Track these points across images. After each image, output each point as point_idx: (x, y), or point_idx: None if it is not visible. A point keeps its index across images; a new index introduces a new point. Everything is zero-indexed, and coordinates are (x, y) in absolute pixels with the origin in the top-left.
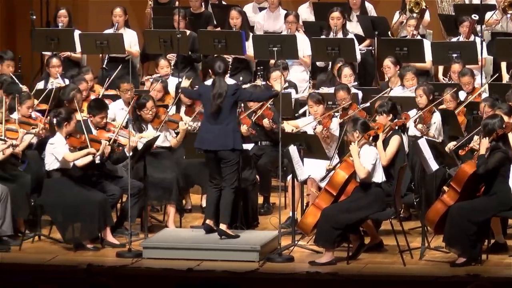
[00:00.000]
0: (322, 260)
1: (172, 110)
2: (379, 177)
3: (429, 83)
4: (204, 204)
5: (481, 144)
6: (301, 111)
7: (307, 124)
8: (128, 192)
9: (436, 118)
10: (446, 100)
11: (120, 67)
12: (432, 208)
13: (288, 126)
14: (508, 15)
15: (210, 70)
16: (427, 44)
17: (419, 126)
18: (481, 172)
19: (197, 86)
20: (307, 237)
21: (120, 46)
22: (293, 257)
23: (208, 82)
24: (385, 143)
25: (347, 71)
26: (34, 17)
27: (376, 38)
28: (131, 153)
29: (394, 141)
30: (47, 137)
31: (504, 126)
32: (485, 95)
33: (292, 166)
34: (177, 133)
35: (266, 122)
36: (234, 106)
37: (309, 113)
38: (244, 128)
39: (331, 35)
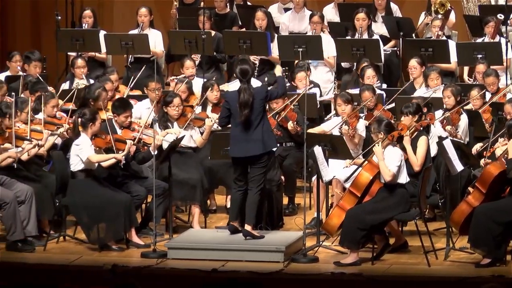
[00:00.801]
0: (347, 261)
1: (198, 109)
2: (403, 178)
3: (457, 84)
4: (228, 205)
5: (509, 147)
6: (327, 117)
7: (334, 127)
8: (153, 193)
9: (463, 119)
10: (472, 98)
11: (144, 67)
12: (457, 209)
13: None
14: None
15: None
16: (452, 45)
17: (448, 127)
18: (511, 177)
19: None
20: (331, 237)
21: (145, 47)
22: (318, 258)
23: (233, 83)
24: (413, 145)
25: (370, 72)
26: (59, 17)
27: (401, 39)
28: (156, 152)
29: (423, 142)
30: (72, 138)
31: None
32: (509, 95)
33: (317, 166)
34: (202, 133)
35: (290, 125)
36: (263, 108)
37: (336, 113)
38: None
39: (356, 36)
